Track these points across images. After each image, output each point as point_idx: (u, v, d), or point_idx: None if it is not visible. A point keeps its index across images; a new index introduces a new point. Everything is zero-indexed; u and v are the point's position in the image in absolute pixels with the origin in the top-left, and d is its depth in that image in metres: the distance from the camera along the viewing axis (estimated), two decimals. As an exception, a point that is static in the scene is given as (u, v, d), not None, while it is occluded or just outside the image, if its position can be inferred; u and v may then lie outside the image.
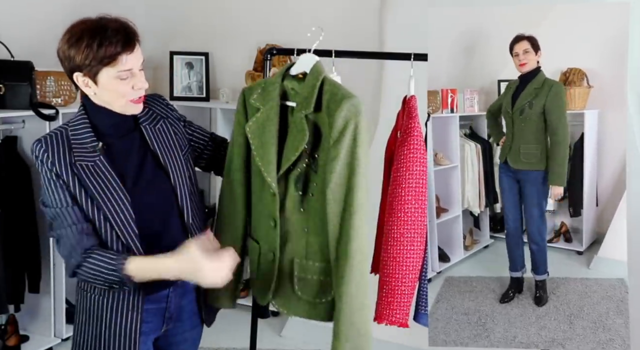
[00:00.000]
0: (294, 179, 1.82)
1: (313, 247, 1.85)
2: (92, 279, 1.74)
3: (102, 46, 1.65)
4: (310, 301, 1.88)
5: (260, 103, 1.86)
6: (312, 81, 1.80)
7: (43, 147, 1.72)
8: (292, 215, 1.84)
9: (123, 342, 1.80)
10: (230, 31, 4.15)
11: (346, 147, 1.73)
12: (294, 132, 1.79)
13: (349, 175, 1.75)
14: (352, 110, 1.73)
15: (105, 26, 1.67)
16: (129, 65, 1.70)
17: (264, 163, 1.80)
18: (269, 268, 1.89)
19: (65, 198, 1.73)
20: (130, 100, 1.74)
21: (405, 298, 2.12)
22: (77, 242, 1.73)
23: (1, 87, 3.10)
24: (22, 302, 3.26)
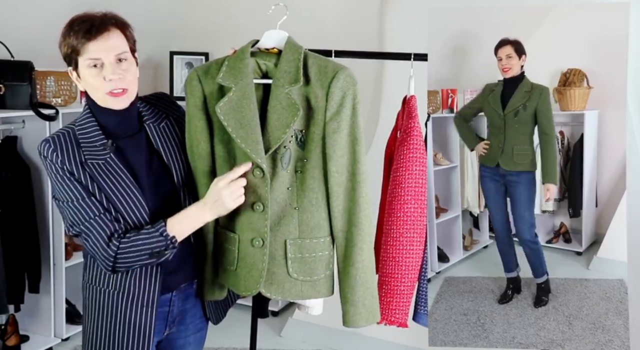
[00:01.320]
0: (280, 157, 1.76)
1: (309, 225, 1.80)
2: (136, 258, 1.70)
3: (69, 36, 1.67)
4: (307, 280, 1.82)
5: (231, 81, 1.75)
6: (294, 55, 1.74)
7: (52, 147, 1.70)
8: (280, 194, 1.77)
9: (138, 337, 1.79)
10: (230, 31, 4.15)
11: (347, 118, 1.72)
12: (277, 109, 1.72)
13: (351, 145, 1.74)
14: (348, 80, 1.70)
15: (81, 18, 1.68)
16: (96, 53, 1.67)
17: (249, 144, 1.71)
18: (257, 255, 1.80)
19: (81, 191, 1.71)
20: (107, 93, 1.70)
21: (404, 298, 2.12)
22: (113, 230, 1.70)
23: (1, 87, 3.10)
24: (22, 302, 3.26)
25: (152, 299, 1.79)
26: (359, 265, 1.79)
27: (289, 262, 1.80)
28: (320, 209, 1.79)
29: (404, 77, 2.20)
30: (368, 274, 1.82)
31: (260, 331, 2.45)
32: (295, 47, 1.77)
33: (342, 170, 1.75)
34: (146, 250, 1.70)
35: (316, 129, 1.74)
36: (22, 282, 3.24)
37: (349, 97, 1.71)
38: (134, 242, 1.69)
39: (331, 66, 1.72)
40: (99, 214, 1.71)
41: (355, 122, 1.74)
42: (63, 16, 1.75)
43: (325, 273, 1.84)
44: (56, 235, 3.32)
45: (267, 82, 1.77)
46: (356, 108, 1.73)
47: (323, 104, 1.71)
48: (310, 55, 1.77)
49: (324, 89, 1.70)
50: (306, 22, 3.82)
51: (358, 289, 1.81)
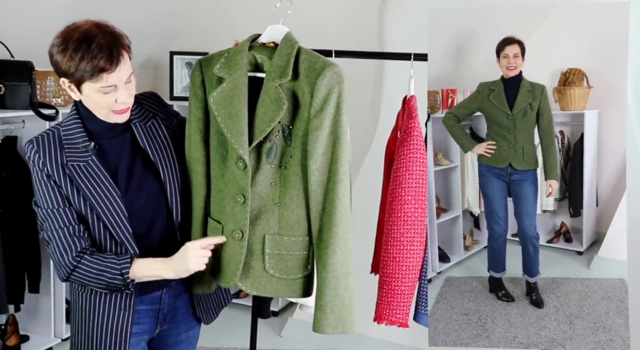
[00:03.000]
0: (266, 151, 1.76)
1: (288, 222, 1.80)
2: (90, 281, 1.74)
3: (83, 60, 1.63)
4: (283, 278, 1.82)
5: (226, 72, 1.77)
6: (287, 50, 1.75)
7: (34, 148, 1.73)
8: (263, 189, 1.78)
9: (113, 342, 1.81)
10: (230, 31, 4.14)
11: (329, 116, 1.71)
12: (266, 103, 1.73)
13: (332, 144, 1.73)
14: (334, 78, 1.70)
15: (92, 39, 1.64)
16: (111, 82, 1.68)
17: (234, 135, 1.72)
18: (236, 248, 1.80)
19: (57, 199, 1.73)
20: (113, 111, 1.73)
21: (405, 298, 2.12)
22: (69, 244, 1.73)
23: (1, 87, 3.10)
24: (22, 302, 3.26)
25: (129, 303, 1.81)
26: (329, 268, 1.76)
27: (267, 258, 1.80)
28: (300, 206, 1.78)
29: (404, 77, 2.20)
30: (339, 279, 1.77)
31: (260, 331, 2.45)
32: (290, 42, 1.77)
33: (322, 168, 1.73)
34: (103, 280, 1.73)
35: (301, 125, 1.74)
36: (22, 282, 3.24)
37: (334, 94, 1.70)
38: (94, 267, 1.72)
39: (320, 62, 1.72)
40: (67, 225, 1.73)
41: (339, 120, 1.72)
42: (63, 16, 1.74)
43: (302, 273, 1.84)
44: (56, 236, 3.31)
45: (261, 75, 1.77)
46: (341, 106, 1.72)
47: (309, 100, 1.71)
48: (304, 50, 1.77)
49: (311, 85, 1.70)
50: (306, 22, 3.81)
51: (327, 293, 1.78)
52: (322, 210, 1.76)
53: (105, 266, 1.72)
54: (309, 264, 1.84)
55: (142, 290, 1.83)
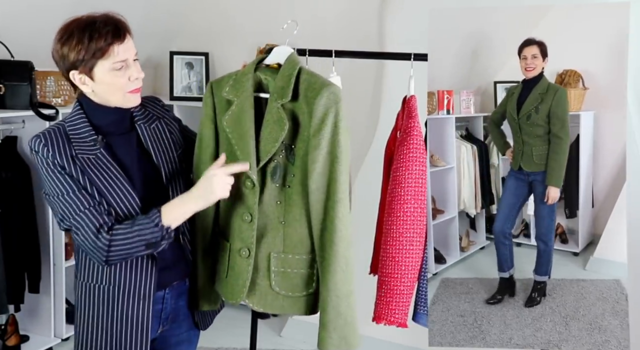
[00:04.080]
0: (271, 170, 1.79)
1: (292, 240, 1.81)
2: (132, 249, 1.71)
3: (92, 39, 1.67)
4: (289, 296, 1.84)
5: (234, 95, 1.82)
6: (289, 71, 1.77)
7: (42, 142, 1.72)
8: (269, 207, 1.80)
9: (135, 331, 1.80)
10: (230, 31, 4.15)
11: (327, 135, 1.73)
12: (270, 123, 1.76)
13: (330, 163, 1.74)
14: (331, 98, 1.72)
15: (93, 21, 1.70)
16: (122, 55, 1.71)
17: (245, 155, 1.76)
18: (243, 265, 1.83)
19: (71, 184, 1.72)
20: (130, 91, 1.75)
21: (404, 298, 2.12)
22: (102, 222, 1.70)
23: (1, 87, 3.10)
24: (22, 302, 3.26)
25: (148, 293, 1.80)
26: (331, 287, 1.77)
27: (272, 275, 1.82)
28: (304, 225, 1.80)
29: (404, 77, 2.20)
30: (341, 298, 1.78)
31: (260, 331, 2.45)
32: (292, 63, 1.79)
33: (321, 188, 1.75)
34: (141, 242, 1.70)
35: (302, 144, 1.76)
36: (22, 282, 3.24)
37: (331, 114, 1.72)
38: (128, 233, 1.70)
39: (319, 83, 1.74)
40: (89, 206, 1.71)
41: (337, 140, 1.73)
42: (63, 16, 1.75)
43: (307, 291, 1.85)
44: (56, 235, 3.32)
45: (266, 96, 1.81)
46: (338, 126, 1.73)
47: (308, 120, 1.73)
48: (304, 71, 1.79)
49: (309, 105, 1.72)
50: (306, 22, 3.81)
51: (329, 312, 1.79)
52: (322, 229, 1.77)
53: (139, 227, 1.70)
54: (314, 281, 1.84)
55: None
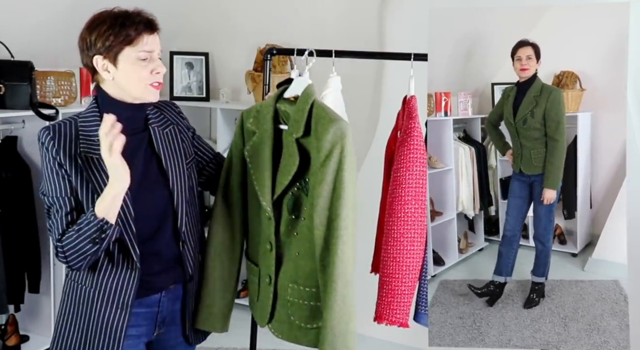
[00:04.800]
0: (287, 202, 1.83)
1: (304, 272, 1.83)
2: (82, 249, 1.70)
3: (124, 27, 1.72)
4: (302, 326, 1.87)
5: (255, 127, 1.87)
6: (303, 104, 1.79)
7: (50, 134, 1.74)
8: (286, 238, 1.84)
9: (108, 338, 1.80)
10: (230, 31, 4.15)
11: (332, 171, 1.72)
12: (286, 156, 1.80)
13: (334, 199, 1.73)
14: (337, 133, 1.71)
15: (126, 11, 1.76)
16: (150, 46, 1.75)
17: (260, 187, 1.82)
18: (267, 292, 1.90)
19: (64, 187, 1.73)
20: (150, 84, 1.77)
21: (405, 298, 2.12)
22: (62, 232, 1.73)
23: (1, 87, 3.10)
24: (22, 302, 3.26)
25: (126, 302, 1.79)
26: (327, 323, 1.75)
27: (289, 305, 1.86)
28: (313, 258, 1.79)
29: (404, 77, 2.20)
30: (337, 336, 1.75)
31: (260, 331, 2.44)
32: (307, 96, 1.81)
33: (325, 223, 1.74)
34: (86, 239, 1.69)
35: (312, 178, 1.77)
36: (22, 282, 3.25)
37: (337, 151, 1.71)
38: (73, 234, 1.70)
39: (327, 118, 1.74)
40: (65, 213, 1.73)
41: (341, 176, 1.72)
42: (63, 16, 1.75)
43: (317, 324, 1.84)
44: (56, 236, 3.32)
45: (285, 128, 1.85)
46: (343, 162, 1.72)
47: (316, 155, 1.74)
48: (317, 105, 1.79)
49: (318, 140, 1.73)
50: (306, 22, 3.82)
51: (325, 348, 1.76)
52: (323, 265, 1.76)
53: (79, 226, 1.70)
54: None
55: (141, 292, 1.83)
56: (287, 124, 1.83)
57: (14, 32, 3.23)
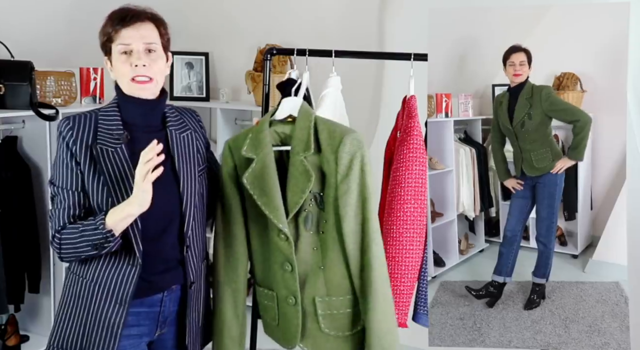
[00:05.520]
0: (303, 220, 1.85)
1: (333, 283, 1.88)
2: (79, 249, 1.73)
3: (107, 24, 1.80)
4: (340, 336, 1.90)
5: (253, 153, 1.86)
6: (305, 123, 1.84)
7: (69, 125, 1.78)
8: (307, 255, 1.86)
9: (105, 333, 1.80)
10: (230, 31, 4.15)
11: (356, 179, 1.80)
12: (295, 175, 1.82)
13: (362, 205, 1.82)
14: (355, 144, 1.79)
15: (120, 9, 1.81)
16: (127, 39, 1.77)
17: (272, 210, 1.81)
18: (292, 312, 1.90)
19: (72, 180, 1.76)
20: (132, 79, 1.78)
21: (404, 298, 2.13)
22: (65, 223, 1.75)
23: (1, 87, 3.10)
24: (22, 302, 3.26)
25: (125, 298, 1.80)
26: (372, 326, 1.84)
27: (320, 319, 1.89)
28: (342, 267, 1.86)
29: (404, 77, 2.20)
30: (383, 334, 1.85)
31: (260, 331, 2.44)
32: (307, 114, 1.86)
33: (355, 230, 1.82)
34: (87, 243, 1.72)
35: (330, 191, 1.83)
36: (22, 282, 3.24)
37: (357, 160, 1.79)
38: (75, 234, 1.73)
39: (339, 131, 1.82)
40: (68, 206, 1.75)
41: (364, 182, 1.81)
42: (63, 16, 1.76)
43: (355, 329, 1.91)
44: (56, 235, 3.32)
45: (286, 149, 1.87)
46: (364, 170, 1.81)
47: (334, 168, 1.80)
48: (320, 120, 1.86)
49: (334, 153, 1.80)
50: (306, 22, 3.82)
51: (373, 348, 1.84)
52: (361, 270, 1.84)
53: (84, 228, 1.72)
54: (360, 319, 1.90)
55: (144, 292, 1.83)
56: (289, 144, 1.86)
57: (14, 32, 3.23)
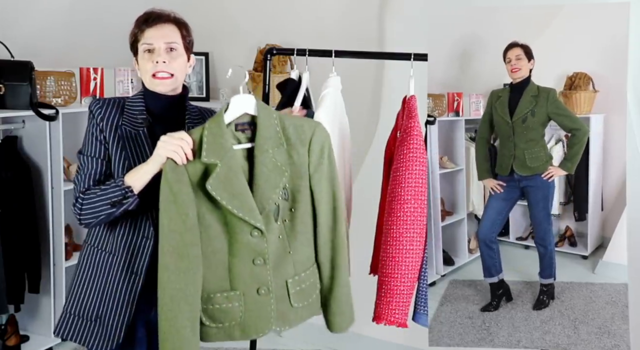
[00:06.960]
0: (273, 213, 1.88)
1: (301, 261, 1.93)
2: (98, 208, 1.85)
3: (134, 26, 1.96)
4: (304, 305, 1.94)
5: (215, 157, 1.80)
6: (269, 121, 1.85)
7: (99, 104, 1.96)
8: (274, 244, 1.87)
9: (122, 301, 1.92)
10: (230, 31, 4.15)
11: (326, 166, 1.91)
12: (265, 172, 1.83)
13: (332, 187, 1.93)
14: (323, 133, 1.91)
15: (146, 12, 1.96)
16: (150, 39, 1.92)
17: (246, 212, 1.80)
18: (264, 301, 1.87)
19: (99, 150, 1.92)
20: (153, 75, 1.92)
21: (404, 298, 2.13)
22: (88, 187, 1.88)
23: (1, 87, 3.10)
24: (22, 302, 3.26)
25: (141, 268, 1.91)
26: (342, 283, 1.96)
27: (291, 297, 1.92)
28: (308, 245, 1.94)
29: (404, 77, 2.20)
30: (348, 288, 2.00)
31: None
32: (269, 112, 1.88)
33: (329, 213, 1.94)
34: (106, 201, 1.84)
35: (302, 181, 1.89)
36: (22, 282, 3.24)
37: (326, 148, 1.91)
38: (96, 193, 1.86)
39: (307, 125, 1.91)
40: (91, 173, 1.90)
41: (332, 166, 1.94)
42: (63, 16, 1.76)
43: (315, 293, 1.97)
44: (56, 236, 3.32)
45: (247, 146, 1.87)
46: (331, 155, 1.94)
47: (306, 159, 1.88)
48: (282, 117, 1.89)
49: (305, 146, 1.88)
50: (306, 22, 3.82)
51: (343, 302, 1.98)
52: (332, 246, 1.95)
53: (104, 187, 1.86)
54: (318, 282, 1.98)
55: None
56: (251, 142, 1.86)
57: (14, 32, 3.23)
